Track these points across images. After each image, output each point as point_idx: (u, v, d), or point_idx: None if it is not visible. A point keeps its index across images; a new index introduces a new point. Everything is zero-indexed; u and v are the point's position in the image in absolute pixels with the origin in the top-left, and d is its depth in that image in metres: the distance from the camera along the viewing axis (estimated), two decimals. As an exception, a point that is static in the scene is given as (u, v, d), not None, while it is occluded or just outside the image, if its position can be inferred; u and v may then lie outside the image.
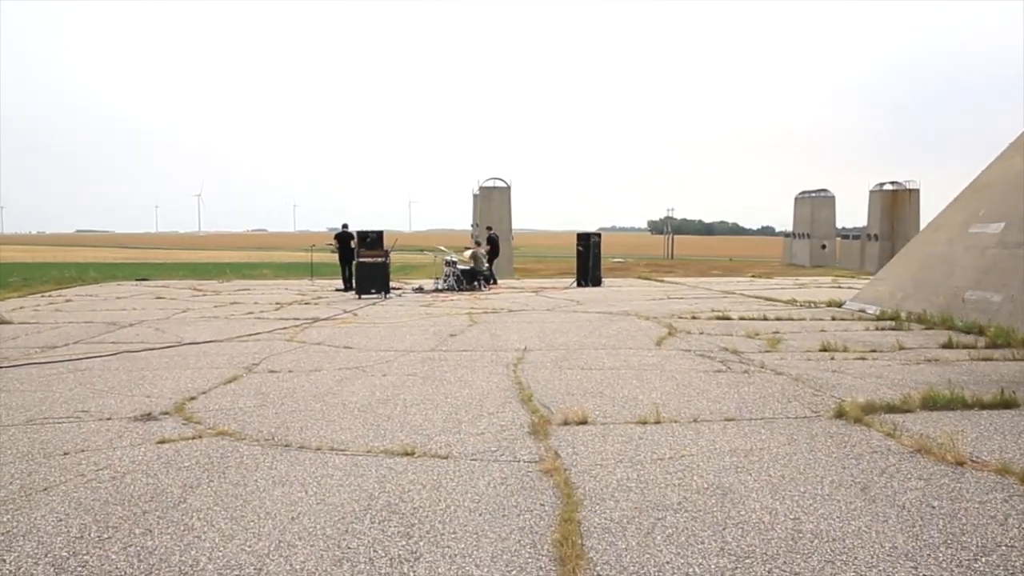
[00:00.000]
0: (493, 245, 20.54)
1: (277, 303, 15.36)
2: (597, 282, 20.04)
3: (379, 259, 16.67)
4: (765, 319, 11.60)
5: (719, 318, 11.75)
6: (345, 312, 13.53)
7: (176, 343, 9.75)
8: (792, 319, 11.67)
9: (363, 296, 16.46)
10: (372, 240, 16.65)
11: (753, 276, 26.09)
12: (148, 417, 5.81)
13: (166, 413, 5.93)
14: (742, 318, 11.72)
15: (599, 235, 20.35)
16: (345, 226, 19.27)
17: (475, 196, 49.55)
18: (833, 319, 11.68)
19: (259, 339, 10.09)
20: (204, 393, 6.69)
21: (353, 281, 17.67)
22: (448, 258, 19.07)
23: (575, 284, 20.16)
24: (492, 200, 45.25)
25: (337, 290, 18.83)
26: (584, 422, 5.44)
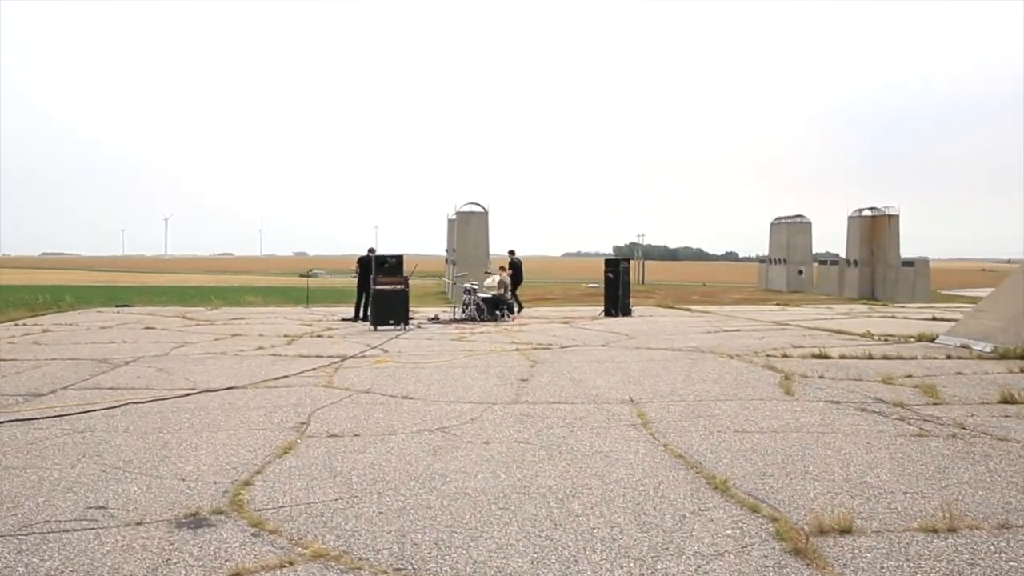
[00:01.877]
0: (516, 270, 18.88)
1: (285, 335, 13.47)
2: (627, 311, 18.47)
3: (398, 286, 14.87)
4: (871, 357, 10.11)
5: (816, 356, 10.24)
6: (370, 347, 11.74)
7: (189, 390, 7.90)
8: (902, 357, 10.21)
9: (379, 328, 14.65)
10: (391, 265, 14.87)
11: (778, 304, 24.80)
12: (196, 520, 4.01)
13: (219, 512, 4.13)
14: (843, 356, 10.22)
15: (628, 261, 18.84)
16: (372, 250, 17.38)
17: (450, 221, 48.06)
18: (949, 357, 10.24)
19: (290, 385, 8.27)
20: (258, 472, 4.90)
21: (367, 311, 15.89)
22: (467, 285, 17.36)
23: (603, 313, 18.57)
24: (469, 225, 43.75)
25: (344, 319, 16.98)
26: (848, 530, 3.79)
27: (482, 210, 43.13)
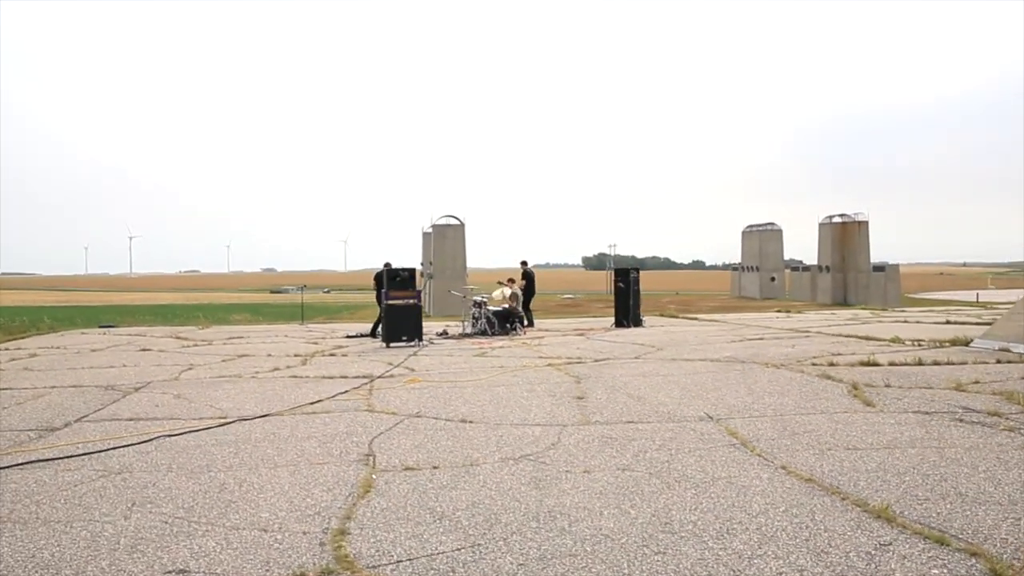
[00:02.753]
0: (529, 282, 18.26)
1: (296, 355, 12.71)
2: (638, 322, 18.02)
3: (411, 301, 14.21)
4: (922, 363, 9.74)
5: (866, 364, 9.84)
6: (393, 366, 11.04)
7: (220, 419, 7.17)
8: (952, 363, 9.86)
9: (392, 344, 13.94)
10: (403, 279, 14.18)
11: (779, 311, 24.62)
12: (307, 582, 3.37)
13: (329, 573, 3.48)
14: (892, 363, 9.84)
15: (638, 270, 18.40)
16: (388, 265, 16.69)
17: (425, 234, 47.40)
18: (999, 361, 9.93)
19: (328, 410, 7.58)
20: (348, 518, 4.24)
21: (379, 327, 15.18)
22: (476, 298, 16.73)
23: (614, 325, 18.09)
24: (446, 238, 43.19)
25: (350, 336, 16.23)
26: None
27: (458, 223, 42.59)
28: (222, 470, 5.33)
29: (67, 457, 5.73)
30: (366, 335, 16.41)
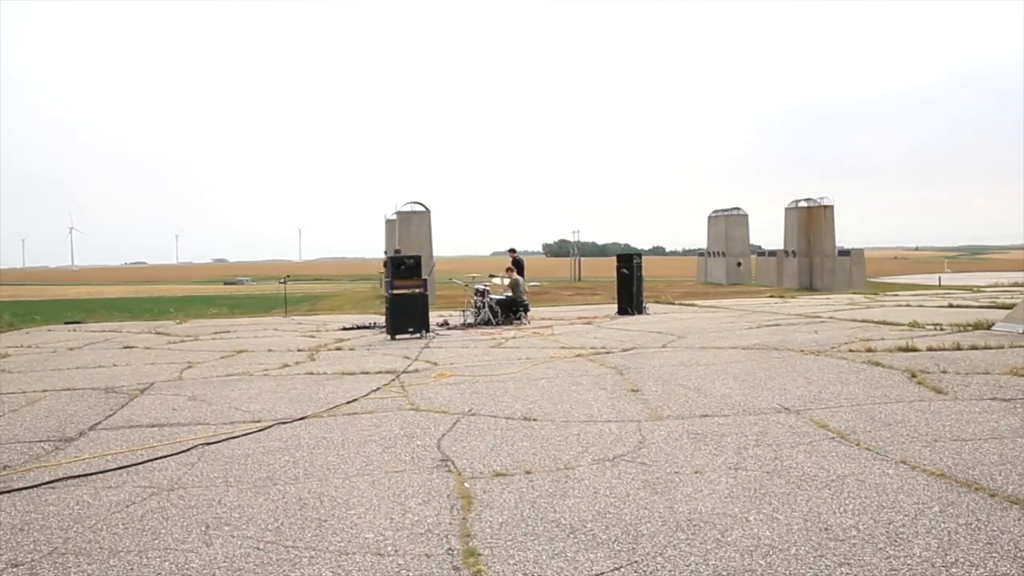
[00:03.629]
0: (519, 269, 17.88)
1: (299, 349, 12.09)
2: (641, 309, 17.79)
3: (416, 290, 13.67)
4: (960, 348, 9.65)
5: (905, 350, 9.72)
6: (413, 360, 10.54)
7: (253, 422, 6.61)
8: (990, 347, 9.77)
9: (397, 336, 13.41)
10: (409, 266, 13.63)
11: (770, 296, 24.74)
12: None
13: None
14: (931, 348, 9.74)
15: (640, 256, 18.14)
16: (398, 251, 16.16)
17: (389, 221, 46.59)
18: (1040, 346, 9.94)
19: (370, 410, 7.08)
20: (467, 535, 3.80)
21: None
22: (478, 287, 16.26)
23: (617, 312, 17.82)
24: (411, 225, 42.59)
25: (346, 328, 15.60)
26: None
27: (424, 209, 41.96)
28: (289, 482, 4.83)
29: (100, 473, 5.16)
30: (364, 327, 15.83)
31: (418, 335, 13.54)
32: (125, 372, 9.92)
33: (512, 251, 19.37)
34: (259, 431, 6.31)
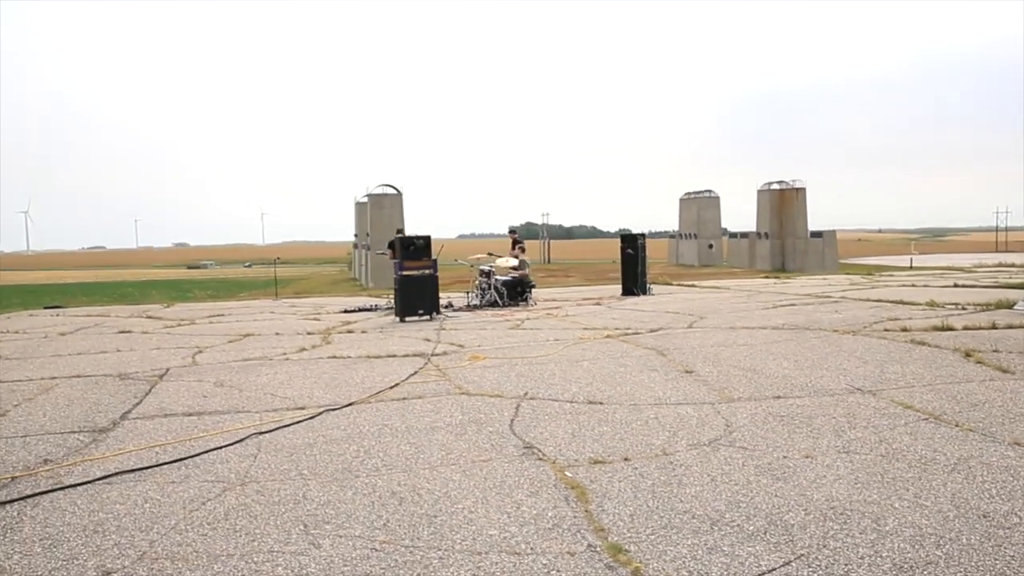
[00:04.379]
0: (521, 248, 17.50)
1: (309, 332, 11.63)
2: (645, 290, 17.61)
3: (426, 271, 13.26)
4: (996, 327, 9.63)
5: (940, 329, 9.66)
6: (432, 342, 10.17)
7: (298, 409, 6.22)
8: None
9: (407, 319, 13.00)
10: (418, 247, 13.19)
11: (767, 276, 24.78)
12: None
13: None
14: (967, 327, 9.70)
15: (644, 236, 17.93)
16: (400, 231, 15.62)
17: (359, 204, 45.81)
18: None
19: (419, 395, 6.72)
20: (603, 531, 3.51)
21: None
22: (484, 267, 15.87)
23: (622, 293, 17.60)
24: (383, 207, 41.91)
25: (348, 311, 15.12)
26: None
27: (396, 192, 41.24)
28: (371, 474, 4.49)
29: (155, 467, 4.74)
30: (365, 309, 15.38)
31: (428, 317, 13.16)
32: (132, 358, 9.39)
33: (513, 231, 19.01)
34: (309, 419, 5.93)
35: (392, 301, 16.99)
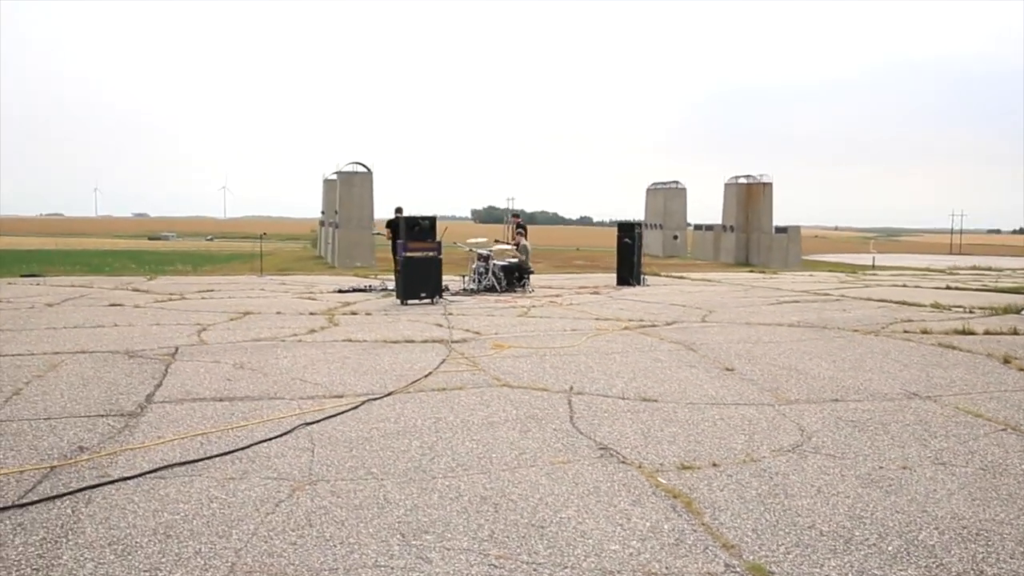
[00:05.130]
0: (524, 234, 17.11)
1: (312, 313, 11.15)
2: (639, 280, 17.44)
3: (430, 253, 12.83)
4: (1017, 333, 9.64)
5: (962, 332, 9.63)
6: (442, 327, 9.82)
7: (336, 397, 5.83)
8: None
9: (409, 302, 12.59)
10: (422, 228, 12.75)
11: (750, 271, 24.87)
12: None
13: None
14: (988, 332, 9.68)
15: (641, 225, 17.73)
16: (399, 211, 15.09)
17: (327, 182, 44.89)
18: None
19: (458, 385, 6.36)
20: (729, 547, 3.25)
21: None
22: (481, 252, 15.48)
23: (617, 283, 17.39)
24: (353, 186, 41.11)
25: (342, 291, 14.60)
26: None
27: (366, 170, 40.39)
28: (447, 475, 4.15)
29: (206, 459, 4.33)
30: (360, 290, 14.90)
31: (430, 301, 12.76)
32: (134, 333, 8.83)
33: (515, 215, 18.66)
34: (353, 408, 5.54)
35: (386, 283, 16.63)
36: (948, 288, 17.12)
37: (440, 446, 4.68)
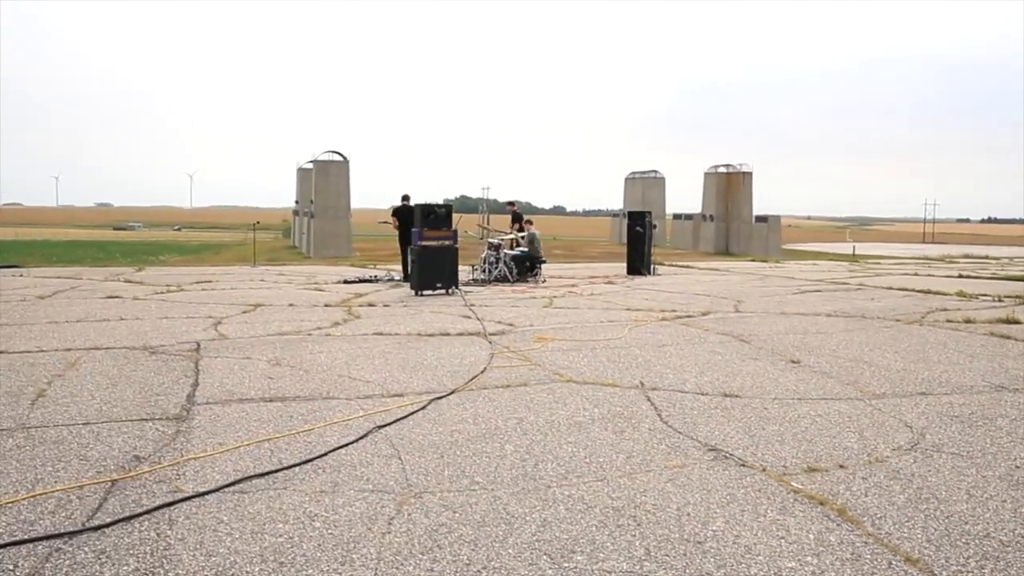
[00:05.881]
0: (520, 225, 16.69)
1: (327, 304, 10.67)
2: (650, 270, 17.17)
3: (446, 242, 12.39)
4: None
5: (1006, 321, 9.49)
6: (470, 318, 9.43)
7: (396, 396, 5.43)
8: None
9: (423, 292, 12.15)
10: (438, 216, 12.29)
11: (752, 260, 24.79)
12: None
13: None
14: (1032, 322, 9.59)
15: (651, 214, 17.44)
16: (406, 198, 14.54)
17: (301, 170, 44.10)
18: None
19: (522, 383, 5.97)
20: (913, 561, 2.95)
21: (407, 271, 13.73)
22: (492, 240, 15.07)
23: (627, 272, 17.09)
24: (329, 175, 40.47)
25: (348, 281, 14.11)
26: None
27: (342, 159, 39.69)
28: (560, 483, 3.78)
29: (283, 470, 3.90)
30: (366, 280, 14.42)
31: (445, 291, 12.34)
32: (144, 328, 8.31)
33: (511, 204, 18.23)
34: (421, 409, 5.15)
35: (392, 273, 16.15)
36: (961, 277, 17.12)
37: (537, 450, 4.32)
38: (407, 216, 13.92)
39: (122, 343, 7.36)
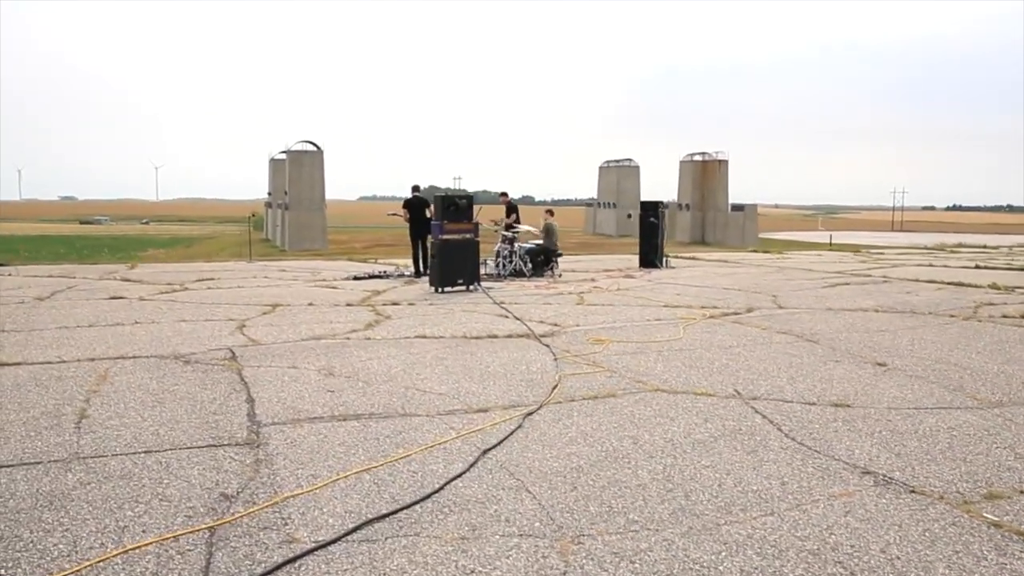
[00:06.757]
0: (516, 216, 16.02)
1: (348, 303, 10.09)
2: (663, 262, 16.76)
3: (468, 235, 11.84)
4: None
5: (1061, 316, 9.29)
6: (507, 317, 8.94)
7: (480, 411, 4.93)
8: None
9: (444, 289, 11.60)
10: (459, 208, 11.72)
11: (754, 250, 24.58)
12: None
13: None
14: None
15: (663, 204, 17.01)
16: (416, 189, 13.92)
17: (274, 161, 43.12)
18: None
19: (609, 393, 5.53)
20: None
21: (423, 265, 13.35)
22: (506, 234, 14.53)
23: (640, 265, 16.68)
24: (303, 165, 39.65)
25: (357, 278, 13.49)
26: None
27: (316, 149, 38.81)
28: (728, 521, 3.32)
29: (402, 510, 3.40)
30: (376, 276, 13.82)
31: (467, 288, 11.81)
32: (164, 332, 7.68)
33: (504, 195, 17.55)
34: (518, 428, 4.64)
35: (401, 268, 15.54)
36: (979, 268, 17.01)
37: (676, 476, 3.86)
38: (418, 208, 13.34)
39: (148, 351, 6.75)
